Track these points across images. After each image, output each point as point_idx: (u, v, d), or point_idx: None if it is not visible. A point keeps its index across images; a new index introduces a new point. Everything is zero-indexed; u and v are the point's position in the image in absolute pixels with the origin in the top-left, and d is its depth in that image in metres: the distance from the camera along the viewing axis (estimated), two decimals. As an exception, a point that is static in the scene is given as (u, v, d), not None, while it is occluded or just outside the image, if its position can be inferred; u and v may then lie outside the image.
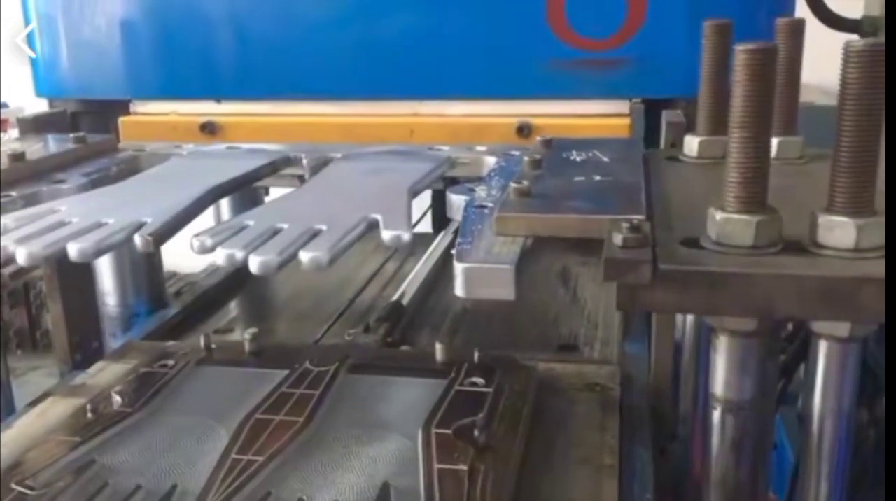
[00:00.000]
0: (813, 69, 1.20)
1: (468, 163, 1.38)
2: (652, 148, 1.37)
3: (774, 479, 1.34)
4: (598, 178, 1.08)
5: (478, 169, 1.35)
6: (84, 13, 1.69)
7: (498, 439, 0.94)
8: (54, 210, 1.11)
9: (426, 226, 2.26)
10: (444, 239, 1.89)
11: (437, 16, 1.57)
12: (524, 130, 1.54)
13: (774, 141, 0.97)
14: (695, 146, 1.18)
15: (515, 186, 0.99)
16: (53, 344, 1.56)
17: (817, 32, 1.26)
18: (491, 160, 1.34)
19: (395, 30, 1.58)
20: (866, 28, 1.72)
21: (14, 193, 1.20)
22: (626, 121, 1.53)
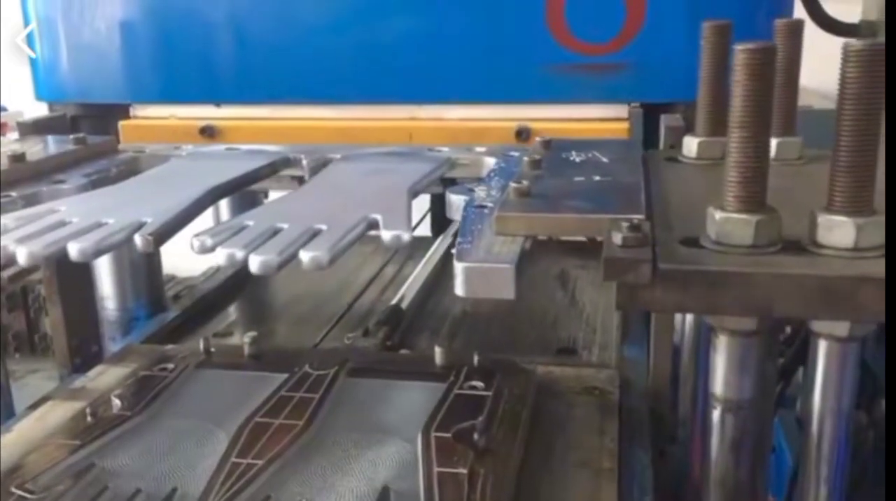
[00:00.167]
0: (811, 73, 1.20)
1: (467, 164, 1.38)
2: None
3: (773, 482, 1.34)
4: (597, 179, 1.08)
5: (477, 170, 1.35)
6: (84, 17, 1.69)
7: (497, 442, 0.94)
8: (54, 210, 1.11)
9: (425, 230, 2.26)
10: (443, 242, 1.90)
11: (435, 19, 1.57)
12: (523, 134, 1.54)
13: (773, 142, 0.97)
14: (694, 147, 1.18)
15: (515, 186, 0.99)
16: (53, 347, 1.56)
17: (815, 37, 1.26)
18: (490, 161, 1.34)
19: (394, 34, 1.58)
20: (864, 32, 1.72)
21: (14, 194, 1.20)
22: (624, 126, 1.53)
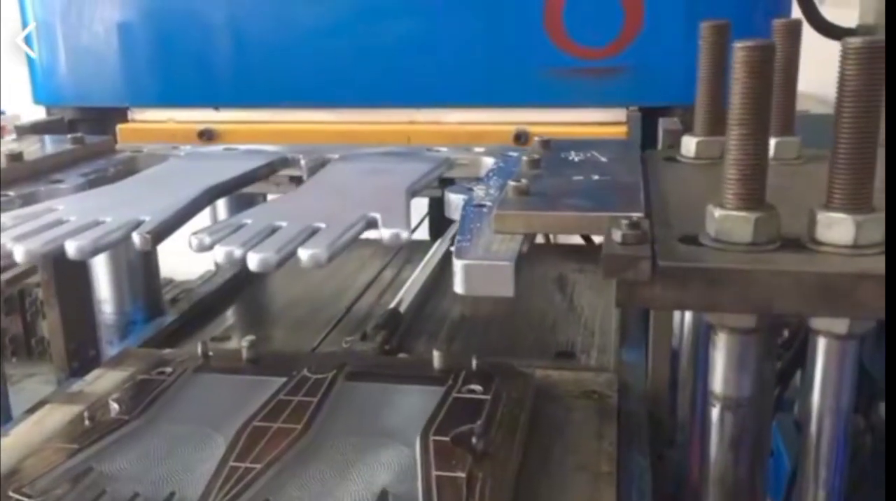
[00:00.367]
0: (808, 79, 1.21)
1: (466, 164, 1.37)
2: (649, 155, 1.37)
3: (771, 486, 1.34)
4: (596, 178, 1.07)
5: (476, 170, 1.35)
6: (82, 20, 1.69)
7: (496, 446, 0.94)
8: (52, 209, 1.10)
9: (423, 234, 2.27)
10: (442, 246, 1.89)
11: (434, 23, 1.57)
12: (521, 138, 1.54)
13: (772, 141, 0.97)
14: (692, 147, 1.18)
15: (514, 185, 0.98)
16: (51, 351, 1.55)
17: (812, 42, 1.26)
18: (489, 161, 1.34)
19: (392, 37, 1.58)
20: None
21: (12, 193, 1.19)
22: (622, 129, 1.53)
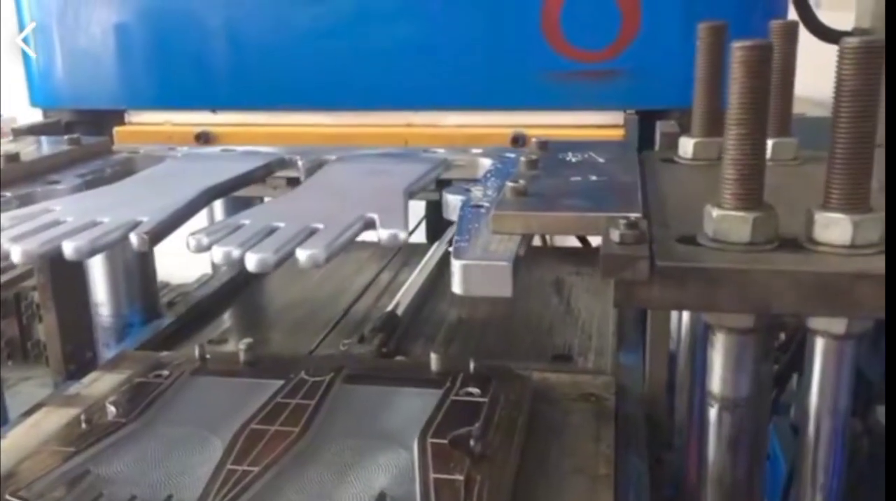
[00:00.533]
0: (804, 83, 1.21)
1: (463, 166, 1.38)
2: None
3: (767, 489, 1.34)
4: (594, 178, 1.08)
5: (473, 171, 1.35)
6: (79, 23, 1.69)
7: (494, 449, 0.94)
8: (49, 209, 1.10)
9: (420, 237, 2.26)
10: (439, 249, 1.89)
11: (431, 26, 1.57)
12: (519, 141, 1.54)
13: (769, 142, 0.98)
14: (690, 148, 1.18)
15: (512, 185, 0.99)
16: (46, 354, 1.55)
17: (808, 46, 1.26)
18: (486, 162, 1.35)
19: (389, 40, 1.58)
20: (857, 40, 1.72)
21: (9, 194, 1.19)
22: (620, 132, 1.54)
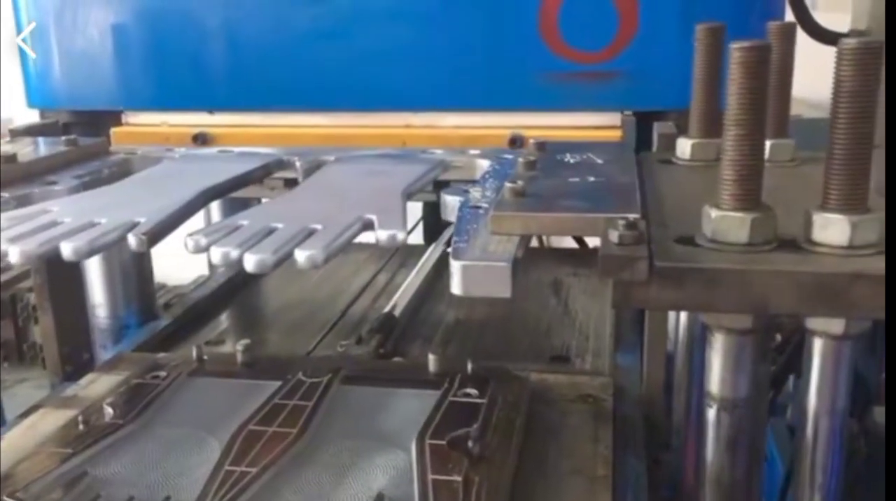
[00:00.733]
0: (801, 85, 1.21)
1: (461, 167, 1.38)
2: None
3: (765, 491, 1.34)
4: (592, 179, 1.08)
5: (471, 172, 1.35)
6: (76, 24, 1.69)
7: (492, 450, 0.94)
8: (47, 210, 1.10)
9: (418, 238, 2.26)
10: (436, 250, 1.89)
11: (429, 27, 1.57)
12: (517, 142, 1.55)
13: (766, 144, 0.98)
14: (687, 149, 1.18)
15: (510, 186, 0.99)
16: (44, 355, 1.55)
17: (804, 48, 1.27)
18: (484, 163, 1.35)
19: (387, 41, 1.58)
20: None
21: (6, 194, 1.19)
22: (617, 133, 1.54)
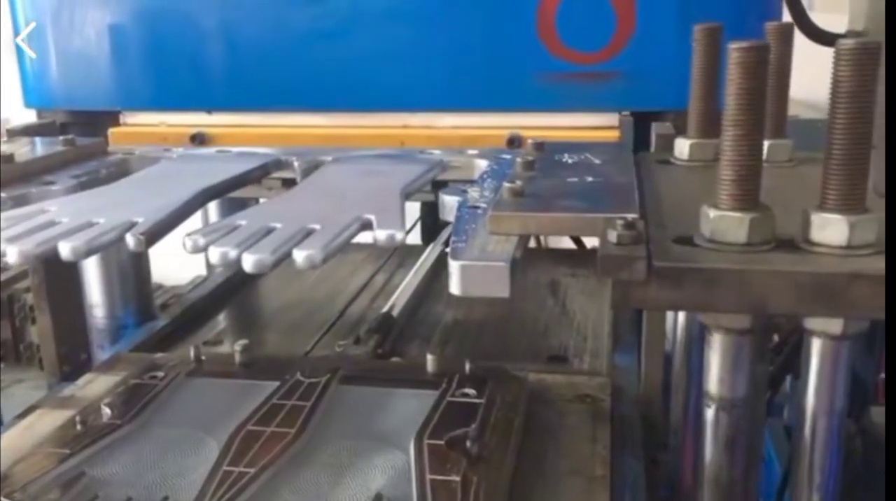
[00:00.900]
0: (798, 86, 1.21)
1: (460, 167, 1.38)
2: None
3: (762, 491, 1.34)
4: (590, 179, 1.08)
5: (469, 172, 1.35)
6: (73, 24, 1.69)
7: (490, 450, 0.94)
8: (44, 210, 1.10)
9: (416, 239, 2.26)
10: (434, 250, 1.89)
11: (427, 28, 1.58)
12: (515, 142, 1.55)
13: (764, 144, 0.98)
14: (685, 149, 1.19)
15: (509, 186, 0.99)
16: (42, 355, 1.55)
17: (802, 49, 1.27)
18: (482, 163, 1.35)
19: (385, 42, 1.58)
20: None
21: (3, 194, 1.19)
22: (615, 134, 1.54)
